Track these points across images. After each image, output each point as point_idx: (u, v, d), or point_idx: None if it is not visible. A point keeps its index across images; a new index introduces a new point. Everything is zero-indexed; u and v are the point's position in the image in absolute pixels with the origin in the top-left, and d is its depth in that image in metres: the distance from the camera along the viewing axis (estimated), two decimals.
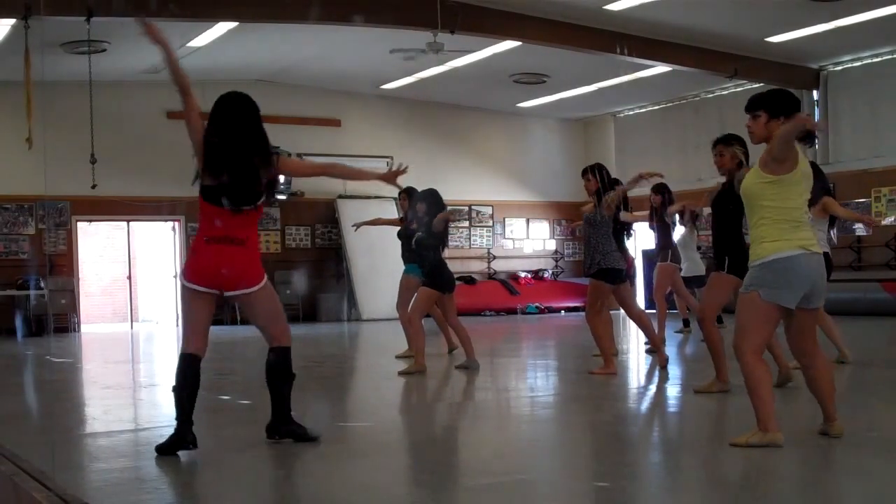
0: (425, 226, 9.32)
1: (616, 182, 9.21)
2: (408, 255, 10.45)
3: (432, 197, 9.47)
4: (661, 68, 17.86)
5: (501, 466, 5.11)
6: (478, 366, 9.35)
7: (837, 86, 18.16)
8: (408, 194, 10.50)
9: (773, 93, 5.33)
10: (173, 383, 5.17)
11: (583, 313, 20.40)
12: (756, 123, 5.15)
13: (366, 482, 4.85)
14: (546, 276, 22.55)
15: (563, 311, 21.42)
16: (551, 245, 23.54)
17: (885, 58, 17.44)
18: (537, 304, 21.19)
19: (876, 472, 4.69)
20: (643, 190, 13.06)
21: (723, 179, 7.19)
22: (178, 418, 5.14)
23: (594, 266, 8.57)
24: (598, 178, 8.75)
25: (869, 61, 17.73)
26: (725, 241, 7.01)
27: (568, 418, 6.82)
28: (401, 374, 9.07)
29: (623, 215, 9.51)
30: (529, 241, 23.28)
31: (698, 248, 12.69)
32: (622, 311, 9.32)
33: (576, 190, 23.77)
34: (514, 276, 21.95)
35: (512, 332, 16.12)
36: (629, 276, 9.51)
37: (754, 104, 5.21)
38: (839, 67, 18.14)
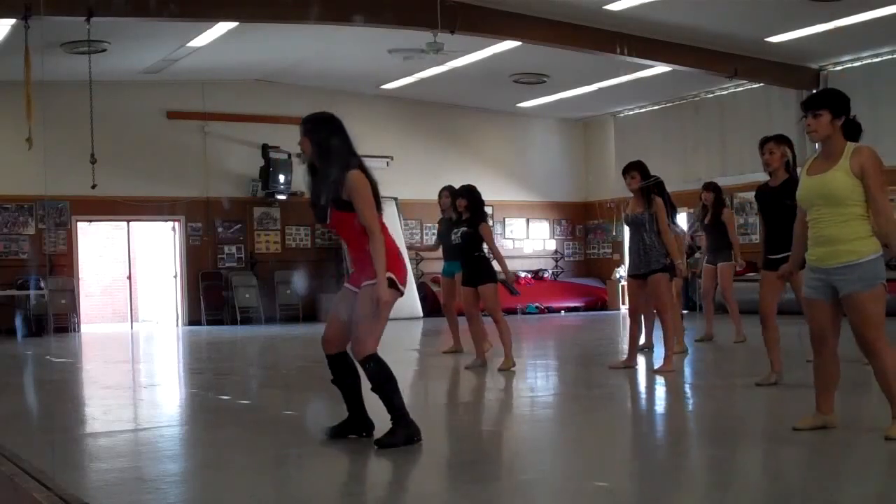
0: (467, 222, 9.33)
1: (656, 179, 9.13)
2: (448, 251, 10.47)
3: (471, 194, 9.46)
4: (661, 68, 17.85)
5: (501, 466, 5.11)
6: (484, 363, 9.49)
7: (837, 86, 18.08)
8: (449, 191, 10.52)
9: (834, 92, 5.36)
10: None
11: (583, 314, 20.38)
12: (819, 122, 5.15)
13: (366, 482, 4.85)
14: (546, 276, 22.54)
15: (563, 312, 21.41)
16: (551, 245, 23.53)
17: (885, 58, 17.44)
18: (537, 304, 21.19)
19: (876, 470, 4.69)
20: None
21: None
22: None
23: (653, 264, 8.62)
24: (643, 176, 8.81)
25: (869, 61, 17.72)
26: (787, 237, 7.10)
27: (568, 418, 6.82)
28: (500, 370, 9.19)
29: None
30: (529, 241, 23.27)
31: (698, 247, 12.68)
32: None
33: (576, 190, 23.88)
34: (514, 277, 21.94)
35: (512, 332, 16.08)
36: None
37: (817, 102, 5.20)
38: (839, 67, 18.13)
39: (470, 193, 9.45)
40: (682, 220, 13.17)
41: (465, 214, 9.39)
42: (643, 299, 8.92)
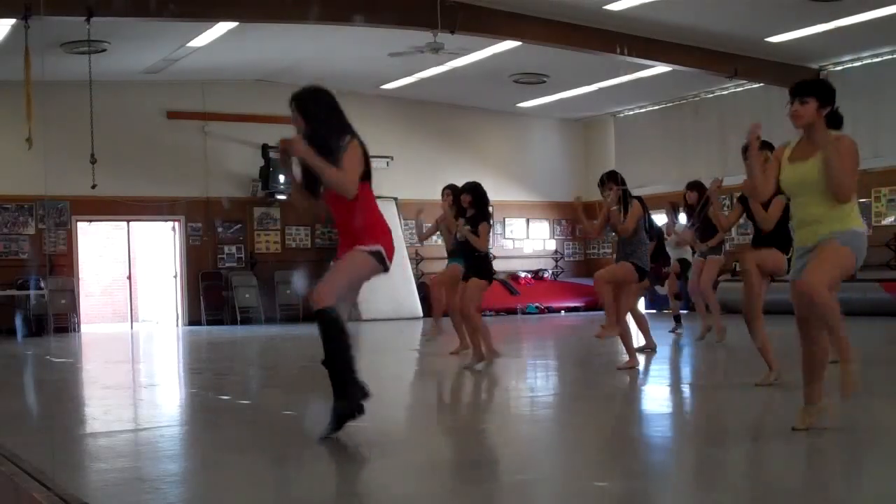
0: (471, 219, 9.29)
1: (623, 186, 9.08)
2: (454, 248, 10.44)
3: (476, 190, 9.45)
4: (661, 68, 17.86)
5: (501, 466, 5.11)
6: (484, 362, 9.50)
7: (837, 86, 17.86)
8: (451, 190, 10.49)
9: (822, 82, 5.44)
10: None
11: (583, 314, 20.38)
12: (805, 108, 5.21)
13: (365, 483, 4.85)
14: (546, 276, 22.54)
15: (563, 311, 21.42)
16: (551, 245, 23.54)
17: (885, 58, 17.44)
18: (537, 304, 21.19)
19: (876, 470, 4.70)
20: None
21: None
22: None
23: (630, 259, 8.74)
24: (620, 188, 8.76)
25: (869, 61, 17.72)
26: (773, 234, 7.39)
27: (568, 418, 6.82)
28: (466, 367, 9.21)
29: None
30: (529, 241, 23.27)
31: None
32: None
33: (576, 190, 23.80)
34: (514, 276, 21.95)
35: (512, 332, 16.11)
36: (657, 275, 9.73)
37: (805, 90, 5.26)
38: (839, 67, 18.14)
39: (474, 190, 9.44)
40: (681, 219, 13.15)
41: (469, 211, 9.36)
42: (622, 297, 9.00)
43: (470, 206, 9.36)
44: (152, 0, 12.61)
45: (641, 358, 9.76)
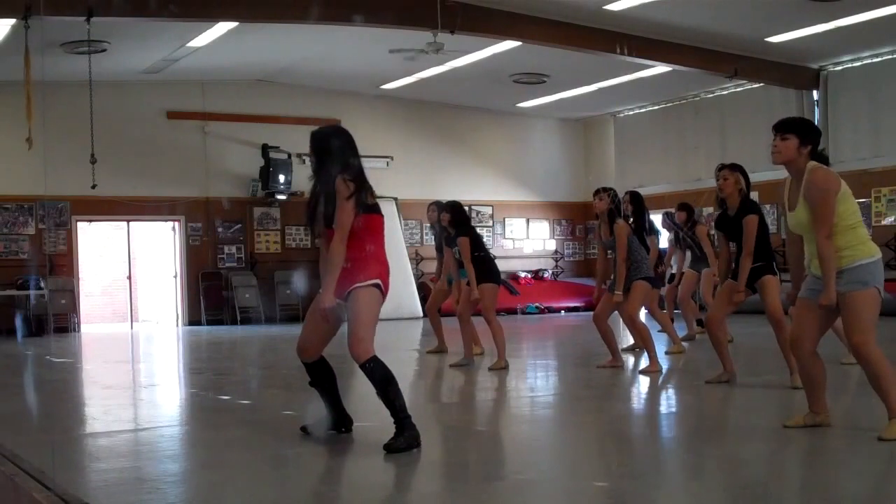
0: (454, 238, 9.40)
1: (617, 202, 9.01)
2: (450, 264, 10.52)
3: (454, 209, 9.56)
4: (661, 68, 17.85)
5: (502, 466, 5.12)
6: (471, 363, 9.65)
7: (837, 86, 18.15)
8: (436, 206, 10.60)
9: (806, 121, 5.52)
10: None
11: (583, 314, 20.36)
12: (785, 145, 5.27)
13: (366, 482, 4.85)
14: (546, 276, 22.54)
15: (563, 312, 21.41)
16: (551, 245, 23.53)
17: (885, 58, 17.43)
18: (537, 304, 21.19)
19: (874, 470, 4.70)
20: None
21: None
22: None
23: (632, 276, 8.74)
24: (612, 201, 8.76)
25: (869, 61, 17.71)
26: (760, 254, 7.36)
27: (568, 418, 6.83)
28: (490, 369, 9.26)
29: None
30: (529, 241, 23.27)
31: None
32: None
33: (576, 190, 23.86)
34: (514, 276, 21.93)
35: (512, 332, 16.09)
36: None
37: (786, 127, 5.32)
38: (839, 67, 18.13)
39: (452, 209, 9.59)
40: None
41: (449, 229, 9.49)
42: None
43: (450, 225, 9.49)
44: (152, 0, 12.61)
45: (630, 358, 9.85)
